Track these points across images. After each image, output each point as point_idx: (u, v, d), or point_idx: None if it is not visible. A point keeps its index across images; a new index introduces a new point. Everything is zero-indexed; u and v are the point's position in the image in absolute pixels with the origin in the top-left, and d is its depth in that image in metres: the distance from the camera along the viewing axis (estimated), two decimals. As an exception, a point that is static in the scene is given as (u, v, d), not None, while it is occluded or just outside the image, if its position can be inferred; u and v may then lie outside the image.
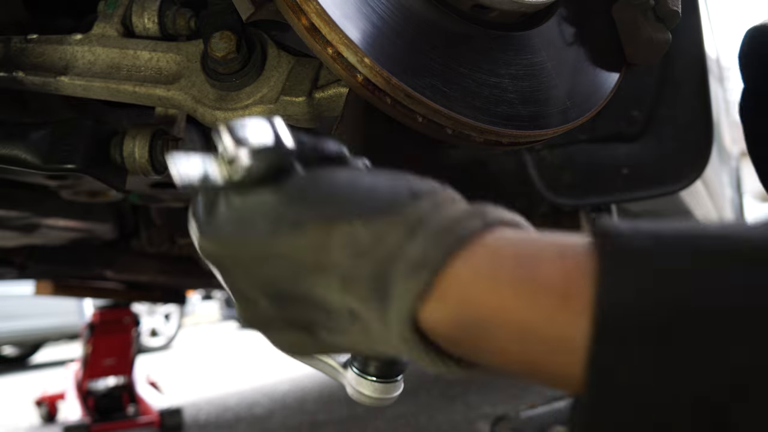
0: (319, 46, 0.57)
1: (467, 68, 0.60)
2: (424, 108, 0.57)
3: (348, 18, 0.56)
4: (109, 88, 0.76)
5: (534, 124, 0.62)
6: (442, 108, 0.57)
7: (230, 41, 0.69)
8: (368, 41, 0.56)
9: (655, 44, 0.69)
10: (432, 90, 0.57)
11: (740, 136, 0.93)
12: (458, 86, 0.59)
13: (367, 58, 0.56)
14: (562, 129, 0.65)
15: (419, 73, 0.57)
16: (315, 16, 0.56)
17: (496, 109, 0.60)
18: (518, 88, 0.63)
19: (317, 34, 0.57)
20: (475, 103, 0.59)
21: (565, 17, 0.70)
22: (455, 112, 0.58)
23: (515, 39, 0.65)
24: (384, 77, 0.56)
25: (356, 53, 0.56)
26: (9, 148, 0.80)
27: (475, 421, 2.53)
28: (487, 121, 0.59)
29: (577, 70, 0.68)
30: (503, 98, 0.61)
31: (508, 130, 0.61)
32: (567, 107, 0.66)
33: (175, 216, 1.81)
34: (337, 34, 0.56)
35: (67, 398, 3.20)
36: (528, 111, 0.62)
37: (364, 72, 0.57)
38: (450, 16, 0.62)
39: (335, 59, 0.57)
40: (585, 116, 0.67)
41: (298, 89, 0.71)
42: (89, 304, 4.95)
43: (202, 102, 0.72)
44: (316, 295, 0.42)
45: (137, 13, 0.78)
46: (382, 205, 0.39)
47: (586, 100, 0.68)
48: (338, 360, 0.73)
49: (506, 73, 0.63)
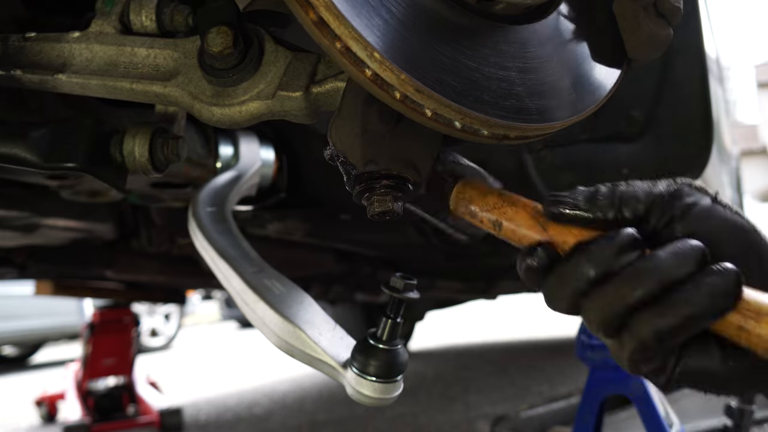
0: (327, 41, 0.57)
1: (475, 62, 0.60)
2: (434, 102, 0.57)
3: (356, 11, 0.56)
4: (106, 85, 0.75)
5: (542, 117, 0.62)
6: (452, 102, 0.57)
7: (227, 36, 0.69)
8: (377, 35, 0.56)
9: (656, 40, 0.69)
10: (441, 84, 0.57)
11: (740, 136, 0.93)
12: (467, 80, 0.59)
13: (377, 53, 0.55)
14: (569, 122, 0.65)
15: (428, 67, 0.57)
16: (324, 10, 0.55)
17: (504, 102, 0.60)
18: (525, 81, 0.63)
19: (325, 28, 0.56)
20: (484, 97, 0.59)
21: (566, 12, 0.70)
22: (465, 107, 0.57)
23: (522, 31, 0.65)
24: (394, 72, 0.55)
25: (366, 48, 0.55)
26: (9, 146, 0.79)
27: (475, 421, 2.53)
28: (496, 114, 0.59)
29: (580, 63, 0.68)
30: (511, 92, 0.61)
31: (516, 124, 0.60)
32: (573, 100, 0.65)
33: (175, 216, 1.81)
34: (347, 28, 0.55)
35: (67, 398, 3.20)
36: (535, 104, 0.62)
37: (373, 67, 0.56)
38: (457, 9, 0.62)
39: (343, 54, 0.57)
40: (589, 109, 0.66)
41: (296, 84, 0.70)
42: (89, 304, 4.95)
43: (199, 98, 0.72)
44: None
45: (135, 11, 0.78)
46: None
47: (589, 94, 0.67)
48: (338, 360, 0.73)
49: (513, 66, 0.62)
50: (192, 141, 1.29)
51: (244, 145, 1.36)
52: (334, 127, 0.67)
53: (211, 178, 1.19)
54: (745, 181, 4.82)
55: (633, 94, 1.37)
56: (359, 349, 0.70)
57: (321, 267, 2.23)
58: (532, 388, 3.11)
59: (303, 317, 0.76)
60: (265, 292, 0.79)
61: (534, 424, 1.99)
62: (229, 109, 0.71)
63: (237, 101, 0.71)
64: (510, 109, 0.60)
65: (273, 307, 0.77)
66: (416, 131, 0.66)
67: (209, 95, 0.72)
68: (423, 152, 0.68)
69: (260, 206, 1.51)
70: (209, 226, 0.95)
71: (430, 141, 0.68)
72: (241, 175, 1.25)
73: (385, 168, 0.66)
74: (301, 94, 0.70)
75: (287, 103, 0.70)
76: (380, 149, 0.66)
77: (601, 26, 0.70)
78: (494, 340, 5.48)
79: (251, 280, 0.81)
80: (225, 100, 0.71)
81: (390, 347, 0.69)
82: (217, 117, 0.72)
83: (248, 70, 0.71)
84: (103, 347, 3.07)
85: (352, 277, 2.46)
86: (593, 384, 1.45)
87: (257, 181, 1.36)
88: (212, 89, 0.72)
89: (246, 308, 0.81)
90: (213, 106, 0.71)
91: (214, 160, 1.32)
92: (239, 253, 0.88)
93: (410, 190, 0.68)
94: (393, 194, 0.66)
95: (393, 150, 0.66)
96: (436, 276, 2.65)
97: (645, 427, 1.36)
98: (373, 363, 0.69)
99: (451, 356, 4.79)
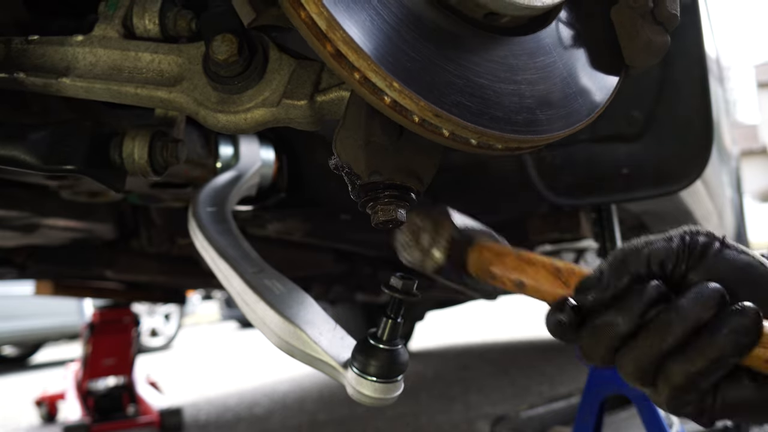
0: (345, 72, 0.58)
1: (486, 79, 0.61)
2: (452, 125, 0.58)
3: (372, 41, 0.57)
4: (110, 89, 0.75)
5: (551, 127, 0.64)
6: (469, 123, 0.58)
7: (232, 44, 0.69)
8: (394, 63, 0.57)
9: (654, 47, 0.69)
10: (458, 107, 0.58)
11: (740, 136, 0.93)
12: (480, 99, 0.60)
13: (396, 83, 0.56)
14: (577, 128, 0.66)
15: (444, 91, 0.58)
16: (341, 44, 0.56)
17: (516, 117, 0.61)
18: (535, 92, 0.64)
19: (343, 60, 0.57)
20: (498, 114, 0.60)
21: (565, 19, 0.70)
22: (481, 126, 0.59)
23: (527, 42, 0.66)
24: (413, 99, 0.57)
25: (385, 78, 0.56)
26: (9, 148, 0.79)
27: (475, 421, 2.53)
28: (510, 130, 0.60)
29: (581, 70, 0.69)
30: (522, 105, 0.62)
31: (529, 137, 0.62)
32: (579, 105, 0.66)
33: (175, 216, 1.81)
34: (365, 60, 0.56)
35: (67, 398, 3.20)
36: (546, 115, 0.64)
37: (392, 95, 0.57)
38: (466, 27, 0.62)
39: (363, 83, 0.58)
40: (592, 115, 0.67)
41: (300, 92, 0.71)
42: (89, 304, 4.94)
43: (204, 105, 0.72)
44: None
45: (138, 15, 0.77)
46: None
47: (592, 100, 0.68)
48: (338, 360, 0.73)
49: (523, 79, 0.64)
50: (192, 141, 1.29)
51: (244, 146, 1.36)
52: (338, 139, 0.68)
53: (211, 178, 1.19)
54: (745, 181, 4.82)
55: (633, 95, 1.37)
56: (359, 349, 0.70)
57: (321, 267, 2.24)
58: (532, 388, 3.11)
59: (303, 317, 0.76)
60: (265, 292, 0.79)
61: (534, 424, 2.00)
62: (235, 116, 0.71)
63: (242, 108, 0.71)
64: (522, 123, 0.62)
65: (273, 307, 0.77)
66: (418, 142, 0.68)
67: (214, 102, 0.72)
68: (425, 162, 0.70)
69: (260, 206, 1.51)
70: (209, 226, 0.95)
71: (432, 151, 0.69)
72: (241, 175, 1.25)
73: (388, 178, 0.67)
74: (306, 102, 0.70)
75: (292, 111, 0.71)
76: (384, 161, 0.67)
77: (598, 34, 0.71)
78: (494, 340, 5.48)
79: (251, 280, 0.81)
80: (230, 107, 0.71)
81: (390, 347, 0.69)
82: (222, 123, 0.72)
83: (253, 77, 0.71)
84: (103, 347, 3.07)
85: (352, 277, 2.46)
86: (593, 384, 1.45)
87: (257, 181, 1.37)
88: (217, 96, 0.72)
89: (246, 308, 0.81)
90: (218, 112, 0.71)
91: (214, 160, 1.32)
92: (239, 253, 0.88)
93: (413, 200, 0.69)
94: (397, 203, 0.68)
95: (396, 161, 0.67)
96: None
97: (645, 427, 1.36)
98: (373, 363, 0.69)
99: (451, 356, 4.79)
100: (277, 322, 0.76)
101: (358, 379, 0.69)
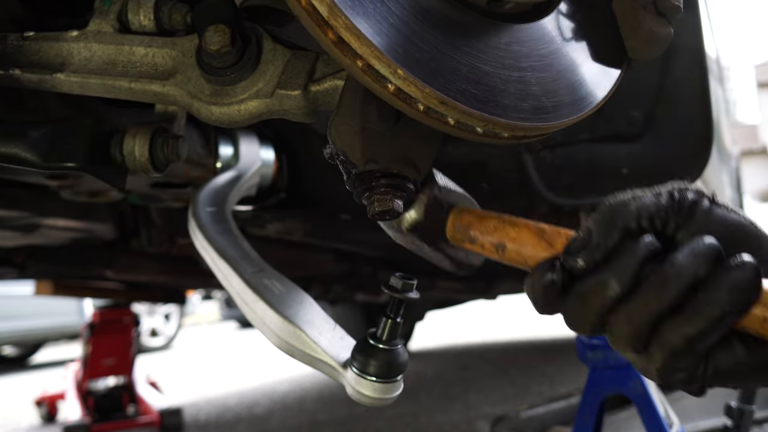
0: (348, 60, 0.57)
1: (492, 66, 0.60)
2: (458, 113, 0.57)
3: (375, 28, 0.56)
4: (105, 84, 0.75)
5: (557, 114, 0.63)
6: (475, 111, 0.57)
7: (224, 34, 0.68)
8: (398, 50, 0.56)
9: (656, 38, 0.68)
10: (463, 94, 0.57)
11: (740, 136, 0.93)
12: (486, 86, 0.59)
13: (401, 70, 0.55)
14: (582, 116, 0.65)
15: (449, 78, 0.57)
16: (344, 31, 0.55)
17: (522, 104, 0.60)
18: (540, 79, 0.63)
19: (345, 48, 0.56)
20: (504, 102, 0.59)
21: (566, 10, 0.70)
22: (487, 113, 0.58)
23: (532, 29, 0.65)
24: (418, 87, 0.56)
25: (389, 65, 0.55)
26: (9, 146, 0.79)
27: (475, 421, 2.52)
28: (516, 117, 0.59)
29: (583, 59, 0.68)
30: (528, 92, 0.61)
31: (535, 125, 0.61)
32: (583, 94, 0.66)
33: (175, 216, 1.81)
34: (368, 47, 0.55)
35: (67, 398, 3.20)
36: (551, 102, 0.63)
37: (396, 83, 0.56)
38: (470, 14, 0.62)
39: (365, 71, 0.57)
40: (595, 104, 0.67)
41: (294, 83, 0.70)
42: (89, 304, 4.94)
43: (197, 97, 0.72)
44: None
45: (133, 10, 0.77)
46: None
47: (596, 89, 0.68)
48: (338, 360, 0.73)
49: (528, 66, 0.63)
50: (192, 141, 1.29)
51: (244, 145, 1.35)
52: (333, 126, 0.67)
53: (211, 178, 1.19)
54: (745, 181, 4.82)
55: (633, 94, 1.37)
56: (359, 349, 0.70)
57: (321, 267, 2.23)
58: (532, 388, 3.11)
59: (303, 317, 0.76)
60: (265, 292, 0.79)
61: (534, 424, 1.99)
62: (228, 108, 0.71)
63: (236, 100, 0.71)
64: (528, 110, 0.61)
65: (273, 307, 0.76)
66: (415, 129, 0.66)
67: (208, 94, 0.71)
68: (423, 150, 0.68)
69: (260, 206, 1.51)
70: (209, 226, 0.95)
71: (430, 139, 0.68)
72: (241, 175, 1.25)
73: (385, 167, 0.66)
74: (300, 92, 0.70)
75: (286, 101, 0.70)
76: (380, 147, 0.66)
77: (601, 25, 0.70)
78: (494, 340, 5.48)
79: (251, 280, 0.81)
80: (224, 98, 0.71)
81: (390, 347, 0.69)
82: (216, 116, 0.71)
83: (246, 68, 0.70)
84: (103, 347, 3.07)
85: (352, 277, 2.46)
86: (593, 384, 1.45)
87: (257, 181, 1.36)
88: (211, 88, 0.72)
89: (246, 308, 0.81)
90: (212, 104, 0.71)
91: (214, 160, 1.32)
92: (239, 253, 0.88)
93: (410, 189, 0.68)
94: (393, 194, 0.66)
95: (393, 149, 0.66)
96: (436, 276, 2.65)
97: (645, 427, 1.36)
98: (373, 363, 0.69)
99: (451, 356, 4.79)
100: (277, 322, 0.75)
101: (358, 379, 0.69)
